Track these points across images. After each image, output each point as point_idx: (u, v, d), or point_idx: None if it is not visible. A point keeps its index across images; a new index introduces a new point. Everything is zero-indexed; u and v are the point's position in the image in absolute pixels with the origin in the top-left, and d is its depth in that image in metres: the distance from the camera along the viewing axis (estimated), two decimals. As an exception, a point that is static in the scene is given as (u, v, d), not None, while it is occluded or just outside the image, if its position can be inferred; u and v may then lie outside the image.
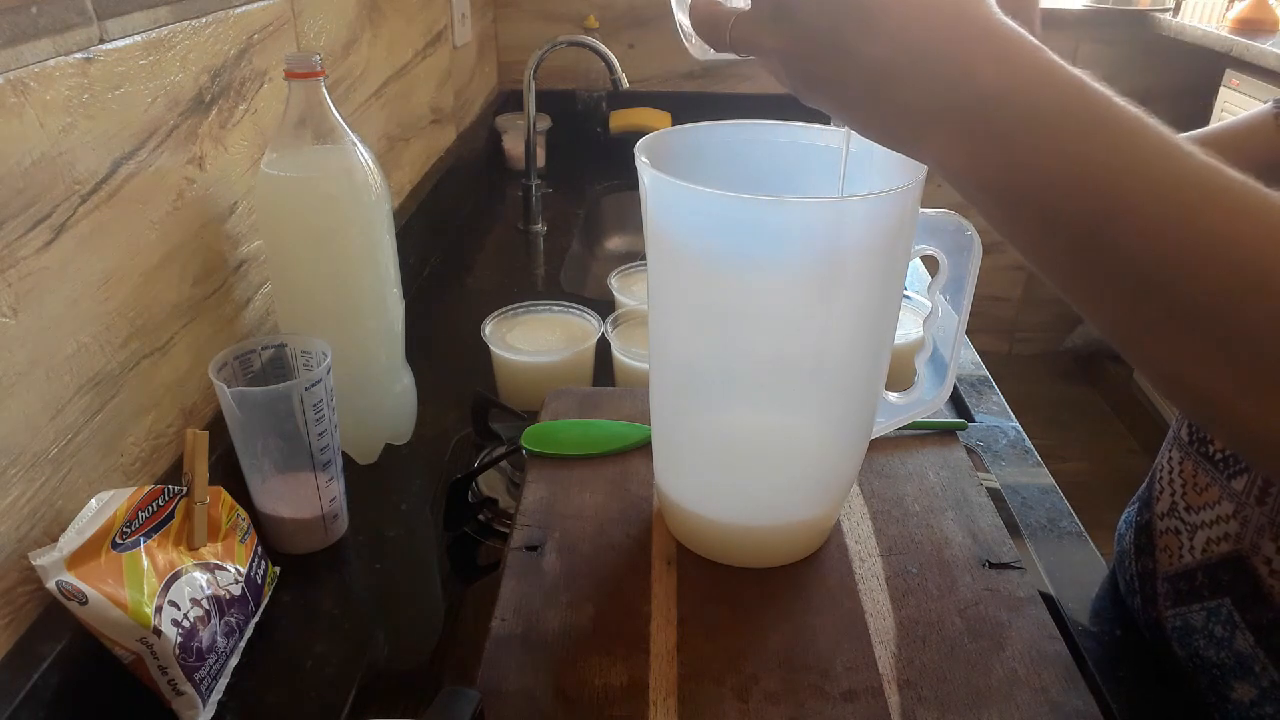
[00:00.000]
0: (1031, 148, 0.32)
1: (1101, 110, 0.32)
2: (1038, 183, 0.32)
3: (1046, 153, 0.32)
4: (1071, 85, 0.32)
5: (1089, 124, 0.31)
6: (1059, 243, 0.33)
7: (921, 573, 0.53)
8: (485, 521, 0.71)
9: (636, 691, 0.46)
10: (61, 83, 0.52)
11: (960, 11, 0.34)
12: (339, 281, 0.71)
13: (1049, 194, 0.32)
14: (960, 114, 0.33)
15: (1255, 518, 0.47)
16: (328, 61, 0.92)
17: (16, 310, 0.50)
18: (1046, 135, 0.32)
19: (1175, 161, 0.31)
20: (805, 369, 0.49)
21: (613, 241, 1.59)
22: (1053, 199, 0.32)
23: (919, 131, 0.35)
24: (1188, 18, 2.14)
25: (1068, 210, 0.32)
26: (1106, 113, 0.31)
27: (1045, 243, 0.34)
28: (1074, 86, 0.32)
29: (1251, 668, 0.48)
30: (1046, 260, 0.34)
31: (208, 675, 0.53)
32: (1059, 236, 0.33)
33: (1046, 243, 0.33)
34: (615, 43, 1.74)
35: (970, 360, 0.94)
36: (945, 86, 0.33)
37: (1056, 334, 2.59)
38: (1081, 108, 0.32)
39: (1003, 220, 0.34)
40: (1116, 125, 0.31)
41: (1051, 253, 0.34)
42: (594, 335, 0.87)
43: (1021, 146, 0.32)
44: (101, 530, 0.51)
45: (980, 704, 0.45)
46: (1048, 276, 0.35)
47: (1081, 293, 0.34)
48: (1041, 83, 0.32)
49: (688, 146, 0.52)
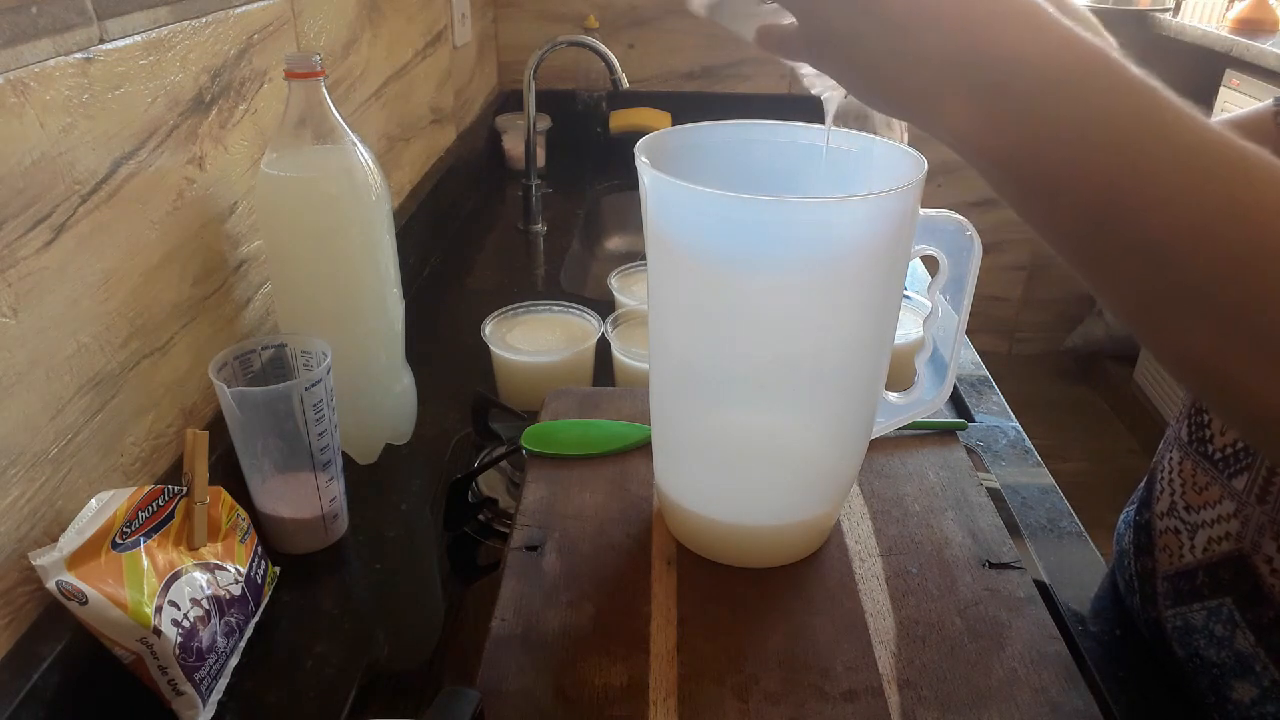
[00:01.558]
0: (1053, 111, 0.32)
1: (1123, 78, 0.31)
2: (1056, 149, 0.32)
3: (1067, 118, 0.31)
4: (1093, 52, 0.32)
5: (1110, 90, 0.31)
6: (1075, 212, 0.32)
7: (921, 573, 0.53)
8: (485, 521, 0.71)
9: (636, 691, 0.46)
10: (61, 83, 0.52)
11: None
12: (339, 281, 0.71)
13: (1068, 159, 0.32)
14: (981, 73, 0.33)
15: (1256, 517, 0.47)
16: (328, 61, 0.92)
17: (16, 310, 0.50)
18: (1068, 99, 0.31)
19: (1194, 130, 0.31)
20: (805, 369, 0.49)
21: (613, 241, 1.59)
22: (1071, 165, 0.32)
23: (936, 91, 0.34)
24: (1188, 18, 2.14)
25: (1086, 177, 0.31)
26: (1127, 80, 0.31)
27: (1060, 213, 0.33)
28: (1096, 54, 0.32)
29: (1252, 667, 0.48)
30: (1061, 231, 0.34)
31: (208, 675, 0.53)
32: (1075, 206, 0.32)
33: (1062, 213, 0.33)
34: (615, 43, 1.74)
35: (970, 360, 0.94)
36: (967, 46, 0.33)
37: (1056, 334, 2.59)
38: (1104, 73, 0.32)
39: (1016, 191, 0.34)
40: (1137, 93, 0.31)
41: (1066, 223, 0.33)
42: (594, 335, 0.87)
43: (1042, 109, 0.32)
44: (101, 530, 0.51)
45: (980, 704, 0.45)
46: (1060, 249, 0.34)
47: (1094, 266, 0.34)
48: (1064, 47, 0.32)
49: (688, 146, 0.52)
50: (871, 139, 0.51)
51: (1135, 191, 0.31)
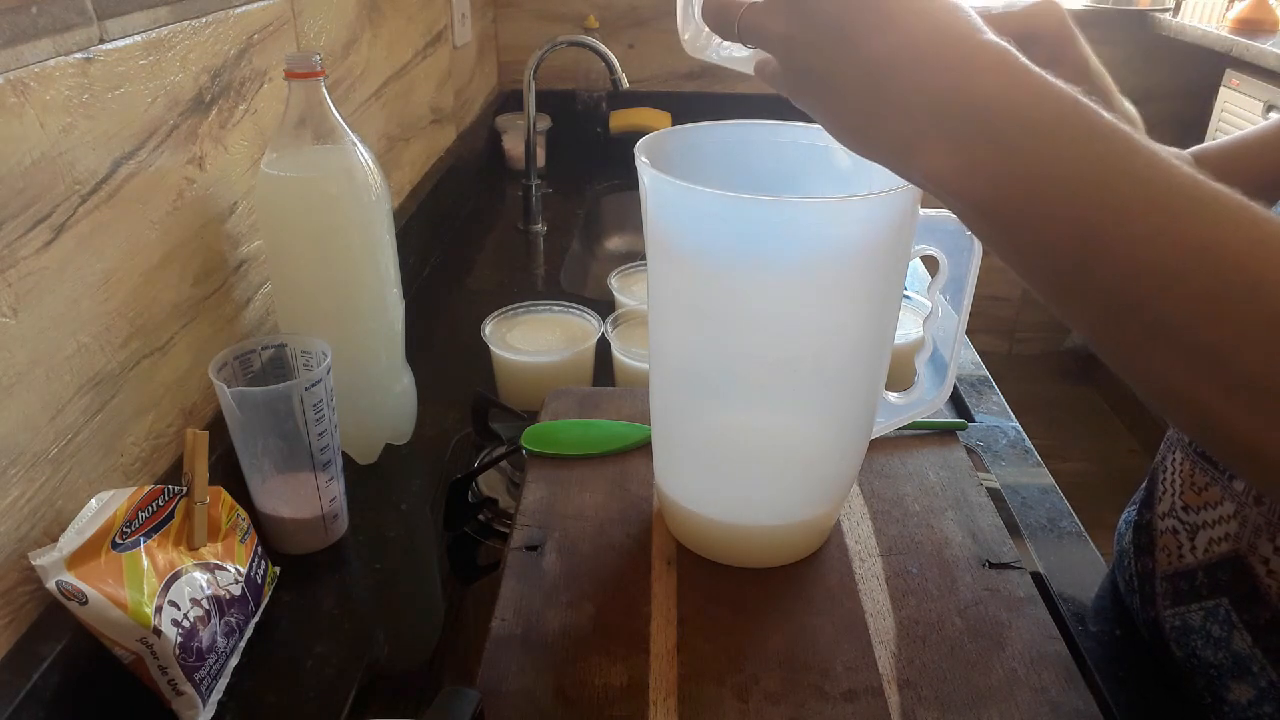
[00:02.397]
0: (1030, 153, 0.32)
1: (1096, 122, 0.32)
2: (1032, 189, 0.33)
3: (1043, 159, 0.32)
4: (1067, 98, 0.33)
5: (1084, 133, 0.32)
6: (1049, 252, 0.33)
7: (921, 573, 0.53)
8: (485, 521, 0.71)
9: (636, 691, 0.46)
10: (61, 83, 0.52)
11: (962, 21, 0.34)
12: (339, 281, 0.71)
13: (1043, 200, 0.32)
14: (959, 117, 0.33)
15: (1253, 518, 0.47)
16: (328, 61, 0.92)
17: (16, 310, 0.50)
18: (1045, 141, 0.32)
19: (1166, 172, 0.31)
20: (805, 369, 0.49)
21: (613, 241, 1.59)
22: (1046, 206, 0.32)
23: (914, 134, 0.35)
24: (1188, 18, 2.14)
25: (1060, 218, 0.32)
26: (1101, 125, 0.32)
27: (1035, 252, 0.34)
28: (1069, 99, 0.33)
29: (1249, 668, 0.48)
30: (1037, 272, 0.35)
31: (208, 675, 0.53)
32: (1050, 246, 0.33)
33: (1037, 253, 0.34)
34: (615, 43, 1.74)
35: (970, 360, 0.94)
36: (947, 87, 0.34)
37: (1056, 334, 2.59)
38: (1078, 119, 0.32)
39: (991, 232, 0.35)
40: (1110, 136, 0.32)
41: (1041, 263, 0.34)
42: (594, 335, 0.87)
43: (1019, 152, 0.33)
44: (101, 530, 0.51)
45: (980, 704, 0.45)
46: (1038, 289, 0.35)
47: (1072, 307, 0.34)
48: (1039, 93, 0.33)
49: (688, 146, 0.52)
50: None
51: (1108, 232, 0.31)
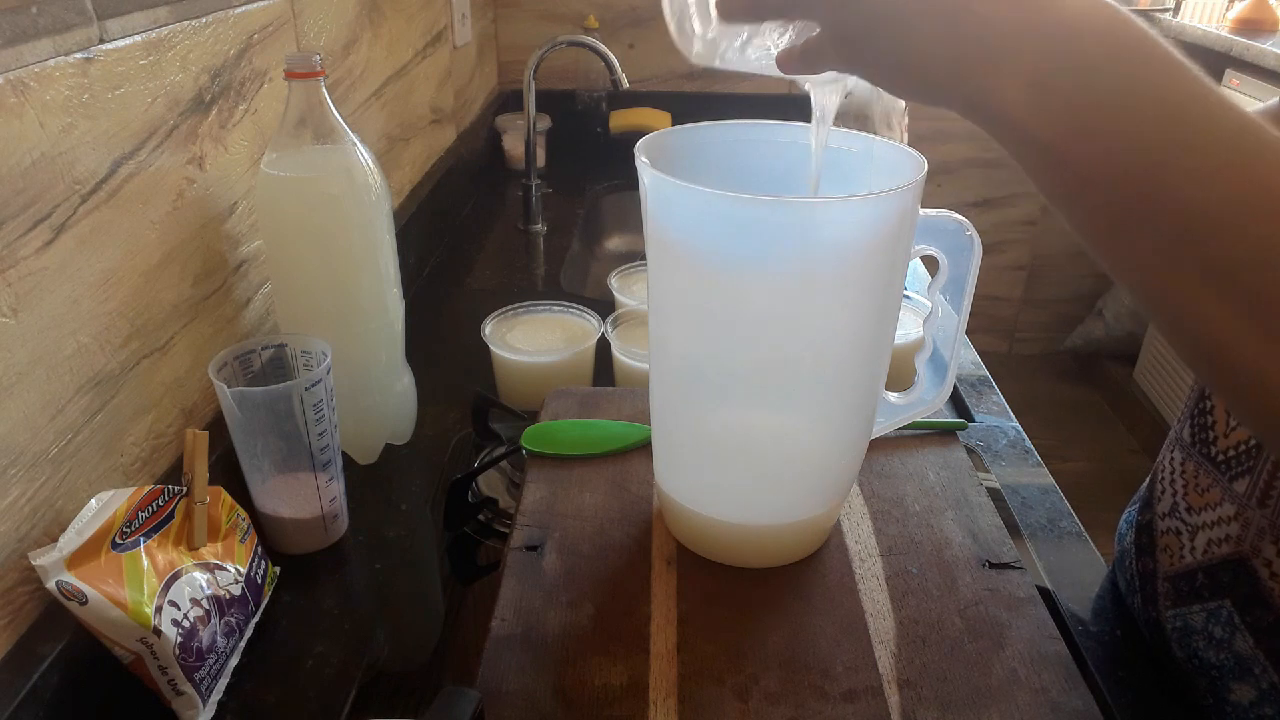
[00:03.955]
0: (1110, 75, 0.33)
1: (1171, 57, 0.33)
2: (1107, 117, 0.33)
3: (1121, 87, 0.33)
4: (1144, 31, 0.33)
5: (1161, 62, 0.33)
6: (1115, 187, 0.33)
7: (921, 573, 0.53)
8: (485, 521, 0.71)
9: (636, 691, 0.46)
10: (61, 83, 0.52)
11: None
12: (339, 281, 0.71)
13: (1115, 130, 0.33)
14: (1042, 39, 0.34)
15: (1256, 520, 0.47)
16: (328, 61, 0.92)
17: (16, 310, 0.50)
18: (1125, 65, 0.33)
19: (1237, 112, 0.32)
20: (805, 369, 0.49)
21: (613, 241, 1.59)
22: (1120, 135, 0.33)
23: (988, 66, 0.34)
24: (1188, 18, 2.14)
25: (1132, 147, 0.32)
26: (1175, 61, 0.33)
27: (1099, 190, 0.34)
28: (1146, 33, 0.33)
29: (1251, 669, 0.48)
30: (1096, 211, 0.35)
31: (208, 675, 0.53)
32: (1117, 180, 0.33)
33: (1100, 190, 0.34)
34: (615, 43, 1.74)
35: (970, 360, 0.94)
36: (1032, 9, 0.34)
37: (1056, 334, 2.59)
38: (1154, 49, 0.33)
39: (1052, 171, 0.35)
40: (1184, 73, 0.33)
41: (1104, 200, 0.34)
42: (594, 335, 0.87)
43: (1099, 73, 0.33)
44: (101, 530, 0.51)
45: (980, 704, 0.45)
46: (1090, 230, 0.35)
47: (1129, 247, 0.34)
48: (1116, 21, 0.34)
49: (688, 146, 0.52)
50: (871, 139, 0.51)
51: (1181, 164, 0.32)
